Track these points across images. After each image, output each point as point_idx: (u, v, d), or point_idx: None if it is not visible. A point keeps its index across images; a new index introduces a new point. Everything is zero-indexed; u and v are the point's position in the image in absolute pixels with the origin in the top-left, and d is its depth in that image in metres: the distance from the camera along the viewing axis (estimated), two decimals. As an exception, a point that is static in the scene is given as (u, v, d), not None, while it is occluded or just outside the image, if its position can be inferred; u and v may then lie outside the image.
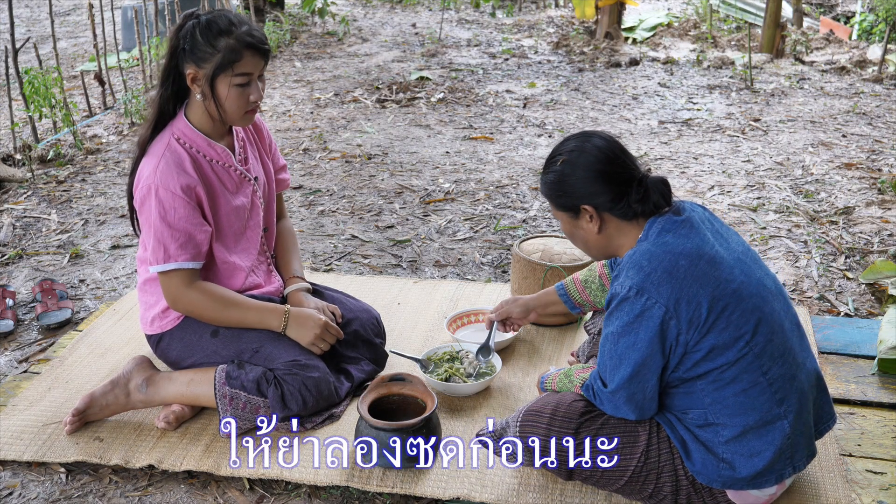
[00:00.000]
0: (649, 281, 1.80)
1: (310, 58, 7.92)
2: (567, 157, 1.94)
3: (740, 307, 1.81)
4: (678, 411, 1.92)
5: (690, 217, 1.90)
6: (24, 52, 7.27)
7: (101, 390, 2.38)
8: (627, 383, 1.86)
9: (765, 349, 1.83)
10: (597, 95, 6.52)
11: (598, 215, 1.94)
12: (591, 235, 1.98)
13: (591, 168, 1.91)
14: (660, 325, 1.80)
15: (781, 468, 1.88)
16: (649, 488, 1.95)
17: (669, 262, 1.81)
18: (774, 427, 1.84)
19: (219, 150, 2.40)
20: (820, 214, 4.06)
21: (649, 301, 1.80)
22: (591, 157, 1.92)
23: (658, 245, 1.85)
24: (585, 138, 1.96)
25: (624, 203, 1.91)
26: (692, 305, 1.79)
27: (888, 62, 7.18)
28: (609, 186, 1.91)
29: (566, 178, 1.94)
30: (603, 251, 2.02)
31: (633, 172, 1.93)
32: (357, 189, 4.49)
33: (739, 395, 1.83)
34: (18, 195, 4.40)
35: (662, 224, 1.89)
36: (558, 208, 2.00)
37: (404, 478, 2.15)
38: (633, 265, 1.84)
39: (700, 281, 1.80)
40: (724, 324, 1.80)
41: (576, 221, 1.98)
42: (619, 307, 1.85)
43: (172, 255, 2.29)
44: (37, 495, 2.18)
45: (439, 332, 2.91)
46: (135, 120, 5.66)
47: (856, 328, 2.90)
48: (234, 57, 2.23)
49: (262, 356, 2.36)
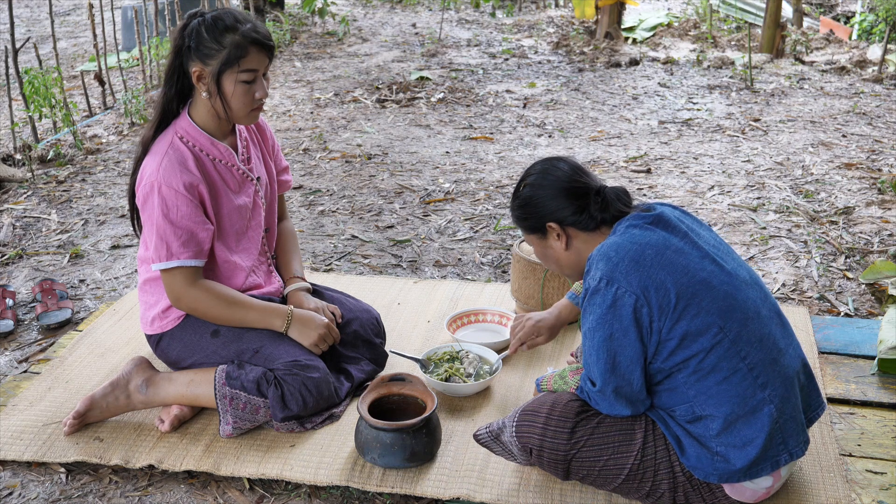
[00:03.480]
0: (618, 270, 1.85)
1: (310, 58, 7.92)
2: (530, 181, 2.06)
3: (710, 294, 1.85)
4: (666, 409, 1.94)
5: (661, 213, 1.95)
6: (24, 52, 7.27)
7: (101, 392, 2.38)
8: (611, 376, 1.88)
9: (740, 334, 1.85)
10: (597, 95, 6.52)
11: (564, 231, 2.03)
12: (560, 253, 2.07)
13: (552, 186, 2.02)
14: (632, 312, 1.84)
15: (776, 454, 1.88)
16: (647, 486, 1.96)
17: (636, 251, 1.87)
18: (762, 413, 1.85)
19: (222, 149, 2.40)
20: (820, 214, 4.06)
21: (619, 290, 1.84)
22: (552, 178, 2.03)
23: (625, 238, 1.91)
24: (546, 162, 2.08)
25: (585, 214, 2.00)
26: (661, 292, 1.83)
27: (888, 62, 7.18)
28: (570, 200, 2.01)
29: (531, 199, 2.05)
30: (574, 268, 2.10)
31: (591, 185, 2.03)
32: (357, 189, 4.49)
33: (721, 383, 1.85)
34: (18, 195, 4.40)
35: (630, 220, 1.96)
36: (527, 231, 2.11)
37: (404, 478, 2.15)
38: (601, 257, 1.90)
39: (667, 269, 1.85)
40: (694, 310, 1.83)
41: (544, 241, 2.08)
42: (592, 300, 1.89)
43: (175, 253, 2.29)
44: (37, 495, 2.18)
45: (439, 332, 2.91)
46: (135, 120, 5.66)
47: (856, 328, 2.90)
48: (240, 53, 2.23)
49: (263, 356, 2.36)
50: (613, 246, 1.90)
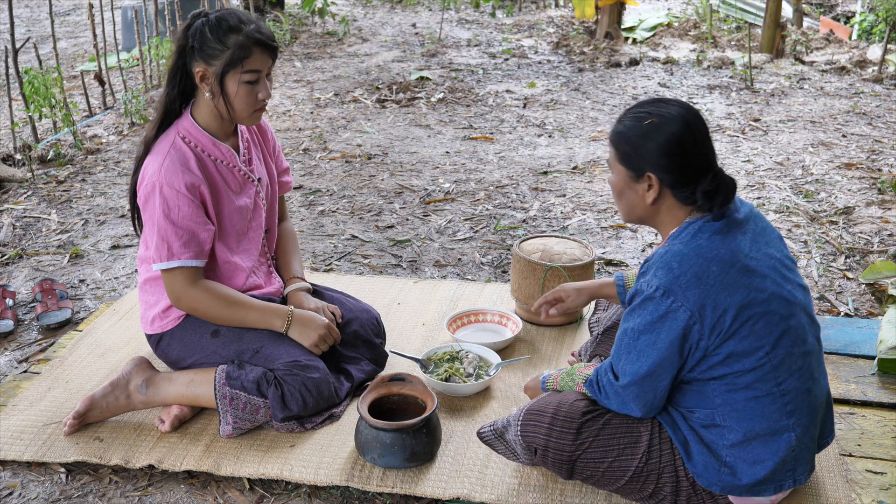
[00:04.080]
0: (677, 283, 1.77)
1: (310, 58, 7.92)
2: (658, 119, 1.84)
3: (765, 318, 1.79)
4: (685, 408, 1.91)
5: (731, 219, 1.85)
6: (24, 52, 7.27)
7: (101, 392, 2.38)
8: (641, 380, 1.85)
9: (783, 361, 1.81)
10: (597, 95, 6.52)
11: (660, 189, 1.87)
12: (640, 202, 1.91)
13: (676, 142, 1.82)
14: (683, 328, 1.78)
15: (782, 479, 1.87)
16: (649, 488, 1.95)
17: (700, 266, 1.78)
18: (781, 438, 1.83)
19: (223, 150, 2.40)
20: (820, 214, 4.06)
21: (675, 304, 1.77)
22: (688, 134, 1.83)
23: (691, 248, 1.81)
24: (689, 112, 1.86)
25: (690, 189, 1.84)
26: (717, 312, 1.77)
27: (888, 62, 7.18)
28: (687, 167, 1.83)
29: (648, 138, 1.84)
30: (640, 219, 1.96)
31: (712, 162, 1.86)
32: (357, 189, 4.49)
33: (751, 401, 1.82)
34: (18, 195, 4.40)
35: (699, 226, 1.84)
36: (622, 162, 1.90)
37: (404, 478, 2.15)
38: (662, 265, 1.81)
39: (729, 289, 1.77)
40: (746, 332, 1.78)
41: (633, 184, 1.90)
42: (644, 305, 1.82)
43: (176, 253, 2.29)
44: (37, 495, 2.18)
45: (439, 332, 2.91)
46: (135, 120, 5.66)
47: (856, 328, 2.90)
48: (244, 54, 2.23)
49: (263, 356, 2.36)
50: (678, 256, 1.80)
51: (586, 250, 2.98)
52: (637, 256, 3.62)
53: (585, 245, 3.02)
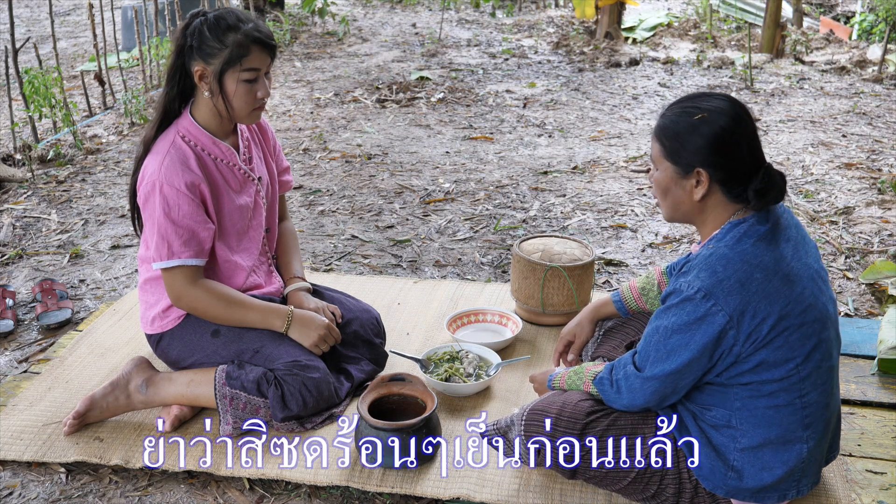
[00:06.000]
0: (720, 287, 1.75)
1: (310, 58, 7.92)
2: (710, 116, 1.79)
3: (801, 330, 1.78)
4: (700, 405, 1.90)
5: (776, 224, 1.83)
6: (24, 52, 7.27)
7: (101, 392, 2.38)
8: (666, 377, 1.83)
9: (810, 375, 1.81)
10: (597, 95, 6.52)
11: (709, 185, 1.81)
12: (688, 199, 1.85)
13: (727, 136, 1.78)
14: (718, 332, 1.76)
15: (786, 489, 1.87)
16: (652, 489, 1.95)
17: (745, 273, 1.75)
18: (793, 448, 1.83)
19: (223, 149, 2.40)
20: (820, 214, 4.06)
21: (714, 307, 1.75)
22: (740, 130, 1.79)
23: (736, 252, 1.78)
24: (739, 107, 1.82)
25: (740, 186, 1.80)
26: (756, 320, 1.75)
27: (888, 62, 7.18)
28: (736, 162, 1.79)
29: (697, 133, 1.79)
30: (685, 216, 1.91)
31: (761, 157, 1.83)
32: (357, 189, 4.49)
33: (770, 409, 1.82)
34: (18, 195, 4.40)
35: (744, 230, 1.81)
36: (668, 158, 1.85)
37: (404, 478, 2.15)
38: (706, 267, 1.77)
39: (770, 299, 1.75)
40: (781, 342, 1.77)
41: (680, 180, 1.84)
42: (681, 305, 1.79)
43: (176, 252, 2.29)
44: (37, 495, 2.18)
45: (439, 332, 2.91)
46: (135, 120, 5.66)
47: (856, 328, 2.90)
48: (242, 52, 2.24)
49: (263, 356, 2.36)
50: (723, 259, 1.77)
51: (586, 250, 2.98)
52: (637, 256, 3.62)
53: (585, 245, 3.02)
